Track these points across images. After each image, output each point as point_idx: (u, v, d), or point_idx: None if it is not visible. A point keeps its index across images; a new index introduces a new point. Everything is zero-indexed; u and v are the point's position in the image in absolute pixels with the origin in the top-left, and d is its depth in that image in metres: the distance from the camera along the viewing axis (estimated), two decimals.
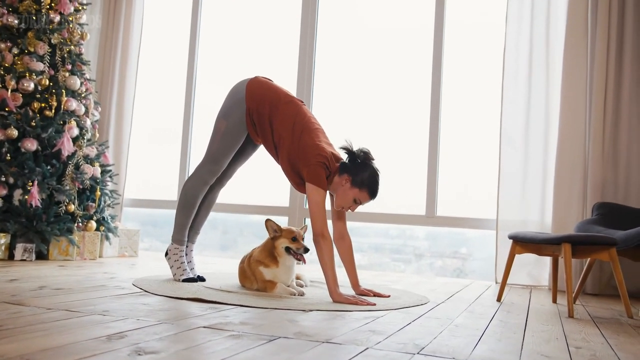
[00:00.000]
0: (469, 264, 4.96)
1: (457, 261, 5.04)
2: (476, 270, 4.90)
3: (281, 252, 2.82)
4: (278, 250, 2.83)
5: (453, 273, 4.87)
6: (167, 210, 5.40)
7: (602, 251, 2.76)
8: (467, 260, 4.98)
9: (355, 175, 2.73)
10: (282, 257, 2.83)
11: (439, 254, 5.06)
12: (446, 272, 4.90)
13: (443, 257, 5.06)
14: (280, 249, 2.82)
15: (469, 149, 4.60)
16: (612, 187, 3.85)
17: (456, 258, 5.03)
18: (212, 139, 2.99)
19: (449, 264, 5.06)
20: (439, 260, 5.07)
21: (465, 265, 4.99)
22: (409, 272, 4.85)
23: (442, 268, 5.00)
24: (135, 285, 2.81)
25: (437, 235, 4.96)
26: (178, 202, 3.07)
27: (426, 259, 5.13)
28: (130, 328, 1.77)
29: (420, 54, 4.63)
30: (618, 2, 3.91)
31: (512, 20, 4.21)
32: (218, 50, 5.44)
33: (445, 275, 4.63)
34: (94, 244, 4.10)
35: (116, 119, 5.31)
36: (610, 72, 3.89)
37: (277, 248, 2.83)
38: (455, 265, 5.03)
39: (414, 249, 5.15)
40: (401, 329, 2.03)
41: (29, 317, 1.86)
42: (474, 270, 4.90)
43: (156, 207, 5.36)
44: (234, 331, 1.81)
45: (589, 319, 2.62)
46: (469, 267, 4.96)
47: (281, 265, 2.83)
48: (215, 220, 5.49)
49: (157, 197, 5.35)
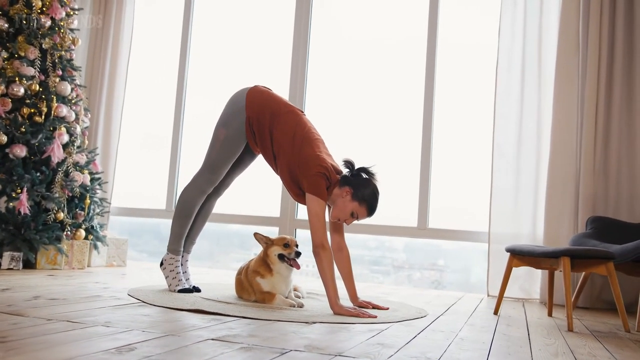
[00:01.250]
0: (446, 275, 4.99)
1: (435, 273, 5.06)
2: (453, 282, 4.92)
3: (274, 260, 2.81)
4: (271, 259, 2.81)
5: (431, 285, 4.88)
6: (152, 219, 5.34)
7: (599, 265, 2.78)
8: (445, 272, 5.00)
9: (357, 189, 2.72)
10: (275, 265, 2.81)
11: (417, 265, 5.07)
12: (424, 283, 4.91)
13: (421, 269, 5.08)
14: (273, 257, 2.81)
15: (461, 162, 4.62)
16: (602, 200, 3.90)
17: (434, 270, 5.05)
18: (210, 147, 2.96)
19: (427, 275, 5.08)
20: (417, 272, 5.09)
21: (442, 277, 5.01)
22: (387, 283, 4.84)
23: (420, 280, 5.02)
24: (131, 295, 2.75)
25: (415, 247, 4.99)
26: (174, 211, 3.03)
27: (404, 271, 5.14)
28: (138, 340, 1.73)
29: (413, 67, 4.66)
30: (609, 19, 3.97)
31: (504, 36, 4.26)
32: (209, 56, 5.41)
33: (422, 287, 4.64)
34: (83, 253, 4.02)
35: (104, 126, 5.24)
36: (601, 88, 3.94)
37: (270, 256, 2.82)
38: (433, 277, 5.05)
39: (392, 260, 5.17)
40: (409, 342, 2.02)
41: (30, 328, 1.81)
42: (451, 282, 4.92)
43: (144, 216, 5.29)
44: (244, 344, 1.78)
45: (588, 332, 2.63)
46: (447, 279, 4.98)
47: (276, 274, 2.80)
48: None
49: (144, 206, 5.27)
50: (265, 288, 2.79)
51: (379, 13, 4.98)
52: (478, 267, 4.79)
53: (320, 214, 2.65)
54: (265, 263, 2.84)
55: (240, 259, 5.60)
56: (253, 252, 5.87)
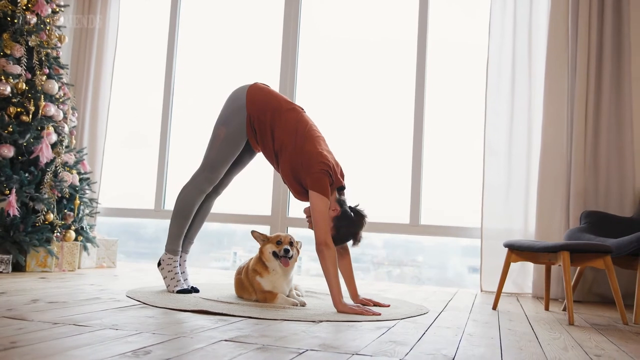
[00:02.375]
0: (425, 271, 5.03)
1: (414, 269, 5.09)
2: (432, 278, 4.95)
3: (269, 257, 2.79)
4: (265, 256, 2.80)
5: (411, 281, 4.91)
6: (137, 219, 5.27)
7: (597, 259, 2.81)
8: (423, 268, 5.04)
9: (343, 217, 2.71)
10: (270, 262, 2.79)
11: (396, 262, 5.10)
12: (404, 279, 4.94)
13: (401, 265, 5.11)
14: (268, 254, 2.79)
15: (453, 159, 4.65)
16: (593, 195, 3.95)
17: (413, 266, 5.08)
18: (210, 146, 2.92)
19: (407, 271, 5.11)
20: (397, 269, 5.11)
21: (422, 272, 5.04)
22: (368, 279, 4.86)
23: (399, 276, 5.04)
24: (131, 297, 2.71)
25: (395, 244, 5.01)
26: (173, 211, 2.99)
27: (384, 267, 5.16)
28: (151, 343, 1.69)
29: (404, 65, 4.66)
30: (597, 17, 4.02)
31: (494, 34, 4.28)
32: (197, 54, 5.35)
33: (404, 282, 4.67)
34: (73, 254, 3.95)
35: (90, 125, 5.16)
36: (591, 85, 3.99)
37: (265, 254, 2.80)
38: (413, 273, 5.08)
39: (372, 257, 5.19)
40: (420, 339, 2.02)
41: (38, 332, 1.76)
42: (430, 278, 4.95)
43: (132, 217, 5.22)
44: (258, 344, 1.76)
45: (588, 326, 2.66)
46: (426, 274, 5.02)
47: (272, 272, 2.78)
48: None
49: (132, 206, 5.20)
50: (266, 287, 2.77)
51: (369, 11, 4.97)
52: (454, 262, 4.84)
53: (324, 212, 2.63)
54: (261, 261, 2.82)
55: (219, 258, 5.57)
56: (233, 250, 5.86)
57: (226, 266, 5.46)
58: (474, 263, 4.87)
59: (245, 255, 5.66)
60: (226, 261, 5.60)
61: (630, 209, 3.84)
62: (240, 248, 5.61)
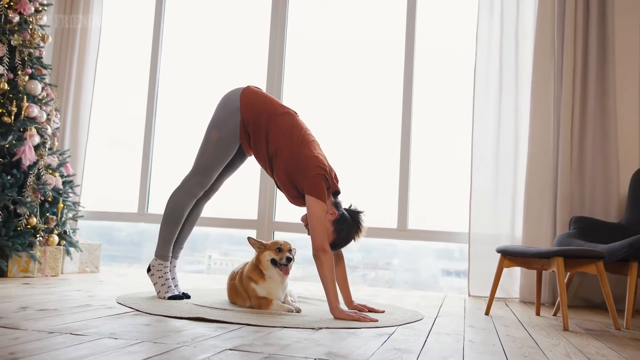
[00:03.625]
0: (400, 275, 5.04)
1: (389, 272, 5.10)
2: (408, 282, 4.96)
3: (267, 265, 2.74)
4: (263, 264, 2.75)
5: (386, 284, 4.91)
6: (118, 223, 5.18)
7: (589, 264, 2.84)
8: (399, 272, 5.06)
9: (342, 220, 2.70)
10: (268, 270, 2.74)
11: (371, 265, 5.10)
12: (379, 283, 4.94)
13: (376, 268, 5.11)
14: (266, 262, 2.74)
15: (440, 164, 4.66)
16: (579, 201, 3.99)
17: (388, 270, 5.09)
18: (202, 149, 2.87)
19: (381, 275, 5.11)
20: (372, 272, 5.12)
21: (397, 276, 5.06)
22: None
23: (374, 279, 5.05)
24: (122, 303, 2.64)
25: (370, 247, 5.02)
26: (163, 215, 2.92)
27: (360, 271, 5.16)
28: (155, 353, 1.65)
29: (391, 70, 4.66)
30: (582, 26, 4.07)
31: (482, 41, 4.30)
32: (182, 56, 5.28)
33: (377, 286, 4.68)
34: (56, 259, 3.85)
35: (72, 127, 5.04)
36: (577, 93, 4.04)
37: (262, 262, 2.75)
38: (388, 277, 5.09)
39: (347, 260, 5.18)
40: (424, 347, 2.00)
41: (35, 342, 1.70)
42: (405, 282, 4.97)
43: (115, 220, 5.11)
44: (264, 353, 1.72)
45: (583, 331, 2.68)
46: (401, 277, 5.03)
47: (269, 279, 2.74)
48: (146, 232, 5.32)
49: (115, 210, 5.10)
50: (261, 294, 2.73)
51: (356, 15, 4.97)
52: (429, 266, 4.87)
53: (321, 217, 2.60)
54: (257, 268, 2.78)
55: (193, 261, 5.50)
56: (207, 253, 5.77)
57: (200, 269, 5.40)
58: (448, 266, 4.91)
59: (220, 258, 5.60)
60: (200, 264, 5.52)
61: (615, 214, 3.89)
62: (215, 251, 5.54)
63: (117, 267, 5.03)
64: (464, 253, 4.64)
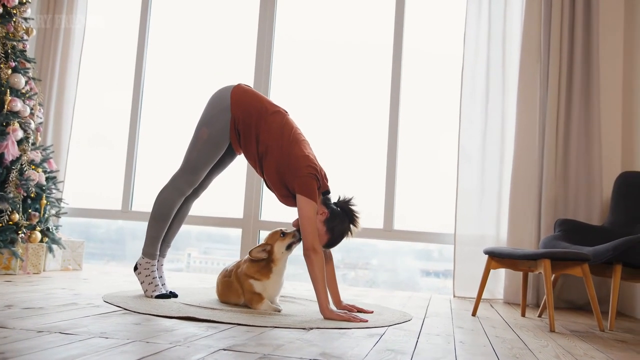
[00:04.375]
0: (380, 275, 5.06)
1: (369, 272, 5.12)
2: (387, 281, 4.98)
3: (282, 256, 2.74)
4: (278, 257, 2.72)
5: (366, 284, 4.93)
6: (97, 220, 5.11)
7: (575, 266, 2.87)
8: (378, 272, 5.08)
9: (333, 217, 2.69)
10: (281, 262, 2.73)
11: (351, 265, 5.12)
12: (359, 283, 4.96)
13: (355, 268, 5.13)
14: (281, 254, 2.73)
15: (427, 165, 4.68)
16: (562, 204, 4.04)
17: (367, 269, 5.11)
18: (191, 147, 2.84)
19: (361, 275, 5.13)
20: (352, 272, 5.13)
21: (376, 276, 5.08)
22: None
23: (354, 279, 5.06)
24: (109, 302, 2.61)
25: (350, 247, 5.03)
26: (151, 213, 2.89)
27: (339, 270, 5.17)
28: (149, 352, 1.62)
29: (379, 71, 4.67)
30: (568, 30, 4.12)
31: (469, 43, 4.33)
32: (168, 51, 5.22)
33: (357, 285, 4.69)
34: (39, 256, 3.79)
35: (55, 122, 4.96)
36: (562, 95, 4.09)
37: (277, 256, 2.72)
38: (368, 277, 5.11)
39: None
40: (416, 348, 2.01)
41: (24, 341, 1.67)
42: (385, 282, 4.99)
43: (98, 217, 5.04)
44: (258, 353, 1.71)
45: (569, 332, 2.71)
46: (380, 277, 5.05)
47: (274, 275, 2.72)
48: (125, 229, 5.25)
49: (98, 207, 5.03)
50: (257, 289, 2.71)
51: (344, 15, 4.97)
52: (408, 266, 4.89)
53: (312, 217, 2.60)
54: (260, 267, 2.74)
55: (172, 259, 5.45)
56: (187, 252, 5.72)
57: (180, 267, 5.36)
58: (427, 267, 4.93)
59: (200, 257, 5.56)
60: (180, 262, 5.48)
61: (598, 216, 3.95)
62: (195, 249, 5.51)
63: (100, 264, 4.96)
64: (444, 254, 4.69)
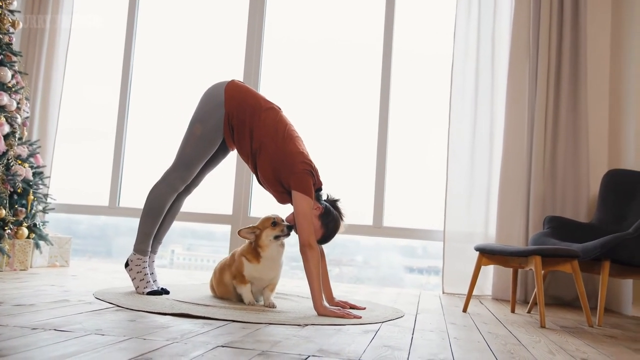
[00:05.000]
0: (364, 271, 5.08)
1: (353, 269, 5.14)
2: (372, 278, 5.00)
3: (269, 244, 2.72)
4: (265, 245, 2.71)
5: (350, 280, 4.94)
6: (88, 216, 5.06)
7: (565, 263, 2.90)
8: (363, 268, 5.10)
9: (327, 214, 2.70)
10: (268, 250, 2.71)
11: (335, 261, 5.13)
12: (343, 279, 4.97)
13: (340, 264, 5.14)
14: (269, 242, 2.72)
15: (416, 162, 4.70)
16: (550, 201, 4.08)
17: (351, 266, 5.13)
18: (184, 143, 2.82)
19: (346, 271, 5.15)
20: (337, 268, 5.15)
21: (360, 272, 5.10)
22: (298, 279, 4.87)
23: (339, 275, 5.08)
24: (101, 299, 2.58)
25: (334, 244, 5.02)
26: (143, 209, 2.87)
27: None
28: (147, 349, 1.61)
29: (369, 69, 4.67)
30: (557, 30, 4.15)
31: (459, 42, 4.35)
32: (157, 46, 5.18)
33: (342, 281, 4.71)
34: (25, 253, 3.74)
35: (41, 117, 4.90)
36: (550, 95, 4.12)
37: (264, 244, 2.71)
38: (352, 273, 5.13)
39: None
40: (412, 344, 2.02)
41: (20, 339, 1.65)
42: (370, 278, 5.01)
43: (85, 213, 4.99)
44: (256, 350, 1.71)
45: (559, 328, 2.74)
46: (364, 274, 5.08)
47: (263, 261, 2.72)
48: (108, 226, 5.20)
49: (85, 203, 4.98)
50: (246, 270, 2.72)
51: (334, 13, 4.96)
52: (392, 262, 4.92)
53: (308, 213, 2.59)
54: (254, 250, 2.74)
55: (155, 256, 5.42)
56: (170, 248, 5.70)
57: (163, 264, 5.33)
58: (410, 263, 4.96)
59: (183, 253, 5.54)
60: (163, 259, 5.46)
61: (585, 214, 3.99)
62: (179, 246, 5.48)
63: (83, 261, 4.92)
64: (428, 250, 4.72)
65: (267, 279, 2.76)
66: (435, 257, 4.70)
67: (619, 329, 2.86)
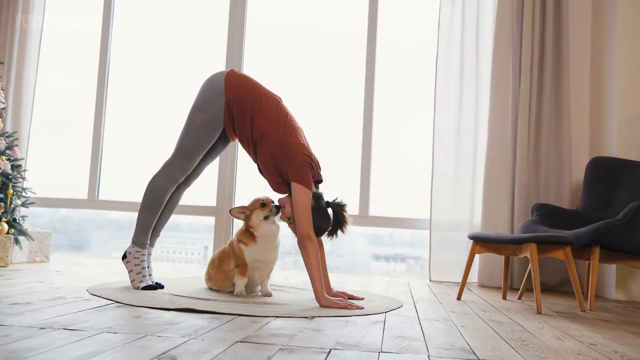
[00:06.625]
0: (332, 260, 5.10)
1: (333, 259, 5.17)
2: (339, 266, 5.03)
3: (260, 225, 2.74)
4: (256, 226, 2.73)
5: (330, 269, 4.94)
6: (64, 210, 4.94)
7: (558, 250, 2.95)
8: (330, 257, 5.11)
9: (318, 211, 2.67)
10: (261, 230, 2.73)
11: None
12: None
13: None
14: (259, 222, 2.73)
15: (402, 152, 4.71)
16: (534, 188, 4.14)
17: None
18: (184, 133, 2.76)
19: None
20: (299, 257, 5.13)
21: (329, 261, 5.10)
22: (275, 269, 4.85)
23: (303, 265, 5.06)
24: (97, 295, 2.51)
25: None
26: (142, 201, 2.80)
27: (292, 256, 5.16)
28: (168, 347, 1.57)
29: (354, 57, 4.65)
30: (540, 20, 4.20)
31: (443, 29, 4.37)
32: (135, 36, 5.05)
33: None
34: (6, 248, 3.62)
35: (14, 109, 4.73)
36: (534, 83, 4.17)
37: (255, 224, 2.73)
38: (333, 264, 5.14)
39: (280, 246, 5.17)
40: (424, 333, 2.02)
41: (32, 339, 1.58)
42: (337, 266, 5.03)
43: (62, 207, 4.86)
44: (276, 344, 1.68)
45: (555, 314, 2.79)
46: (333, 263, 5.10)
47: (261, 240, 2.73)
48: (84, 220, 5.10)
49: (62, 196, 4.84)
50: (247, 254, 2.74)
51: (316, 1, 4.92)
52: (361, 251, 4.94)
53: (307, 205, 2.57)
54: (247, 232, 2.76)
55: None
56: None
57: None
58: (377, 251, 4.99)
59: (168, 247, 5.44)
60: None
61: (567, 200, 4.07)
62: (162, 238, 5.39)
63: (61, 255, 4.79)
64: (394, 238, 4.76)
65: (270, 260, 2.78)
66: (402, 244, 4.76)
67: (610, 313, 2.93)
